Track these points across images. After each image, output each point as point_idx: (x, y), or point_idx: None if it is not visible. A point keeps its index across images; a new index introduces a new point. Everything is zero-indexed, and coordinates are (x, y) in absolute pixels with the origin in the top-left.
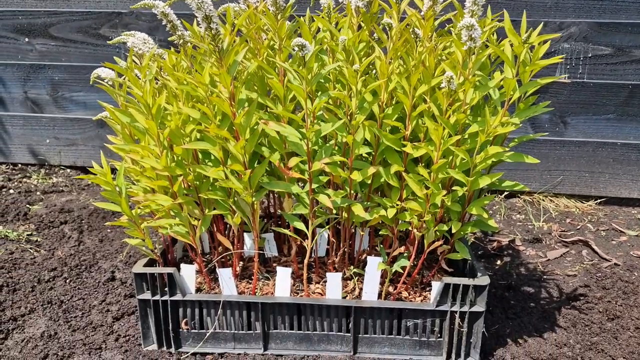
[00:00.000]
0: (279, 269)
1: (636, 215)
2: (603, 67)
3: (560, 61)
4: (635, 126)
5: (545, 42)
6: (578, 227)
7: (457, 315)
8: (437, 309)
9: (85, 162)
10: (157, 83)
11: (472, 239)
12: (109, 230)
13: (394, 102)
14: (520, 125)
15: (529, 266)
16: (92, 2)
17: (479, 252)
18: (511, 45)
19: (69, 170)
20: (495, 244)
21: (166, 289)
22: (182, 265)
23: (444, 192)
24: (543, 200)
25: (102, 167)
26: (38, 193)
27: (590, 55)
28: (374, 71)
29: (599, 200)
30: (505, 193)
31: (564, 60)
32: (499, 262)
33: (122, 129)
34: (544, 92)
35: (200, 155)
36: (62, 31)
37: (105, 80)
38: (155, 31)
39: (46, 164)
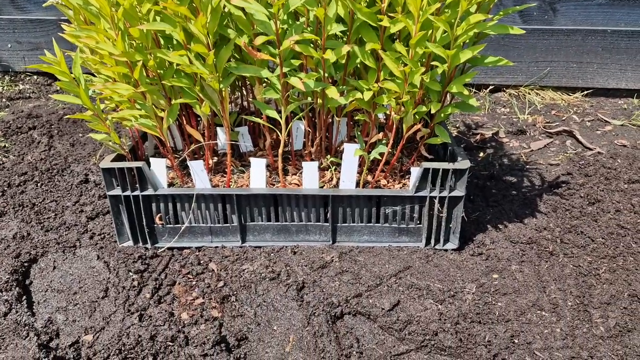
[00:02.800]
0: (253, 160)
1: (622, 106)
2: None
3: None
4: (627, 11)
5: None
6: (563, 119)
7: (436, 201)
8: (416, 195)
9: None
10: None
11: (455, 133)
12: (80, 135)
13: None
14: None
15: (512, 157)
16: None
17: (462, 145)
18: None
19: (35, 76)
20: (478, 136)
21: (137, 184)
22: (152, 159)
23: (423, 69)
24: (529, 93)
25: (56, 56)
26: (4, 100)
27: None
28: None
29: (585, 92)
30: (491, 87)
31: None
32: (481, 154)
33: (76, 14)
34: None
35: (161, 41)
36: None
37: None
38: None
39: (10, 70)
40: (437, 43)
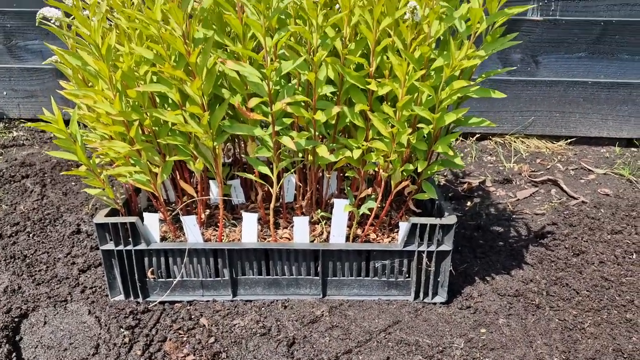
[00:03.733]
0: (245, 214)
1: (605, 154)
2: (575, 4)
3: None
4: (606, 64)
5: None
6: (548, 167)
7: (424, 255)
8: (404, 249)
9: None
10: (110, 24)
11: (443, 181)
12: (73, 183)
13: (357, 38)
14: (487, 57)
15: (498, 206)
16: None
17: (450, 194)
18: None
19: (29, 123)
20: (465, 185)
21: (130, 238)
22: (145, 214)
23: (410, 130)
24: (514, 141)
25: (54, 114)
26: None
27: None
28: (337, 6)
29: (569, 140)
30: (477, 135)
31: None
32: (469, 203)
33: (74, 73)
34: (516, 30)
35: (157, 99)
36: None
37: (52, 21)
38: None
39: (5, 117)
40: (422, 106)
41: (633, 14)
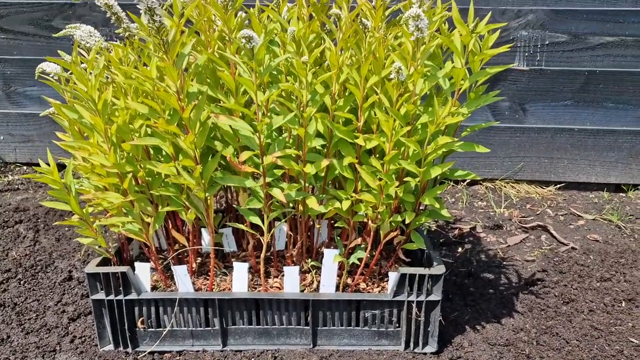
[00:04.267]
0: (236, 264)
1: (593, 200)
2: (560, 54)
3: (507, 50)
4: (591, 112)
5: (494, 30)
6: (538, 213)
7: (414, 305)
8: (394, 299)
9: (42, 158)
10: (107, 78)
11: (435, 227)
12: (66, 229)
13: (346, 94)
14: (469, 115)
15: (489, 253)
16: None
17: (441, 240)
18: (460, 35)
19: (25, 167)
20: (457, 231)
21: (121, 288)
22: (137, 264)
23: (397, 183)
24: (504, 186)
25: (49, 165)
26: None
27: (547, 43)
28: (326, 63)
29: (558, 186)
30: (468, 180)
31: (523, 48)
32: (460, 249)
33: (71, 125)
34: (503, 79)
35: (151, 151)
36: (12, 24)
37: (51, 75)
38: (109, 23)
39: (1, 161)
40: (409, 160)
41: (615, 64)
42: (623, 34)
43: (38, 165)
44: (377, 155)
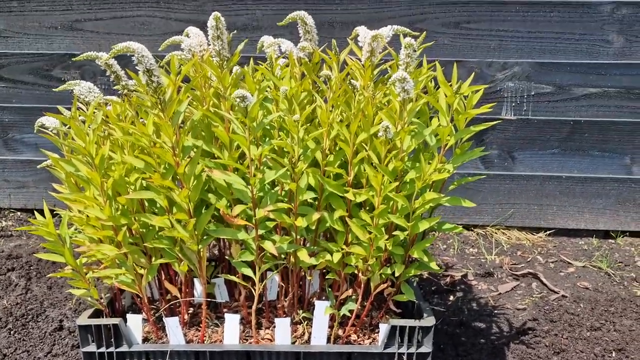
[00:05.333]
0: (227, 315)
1: (583, 246)
2: (546, 105)
3: (489, 109)
4: (578, 160)
5: (477, 90)
6: (528, 260)
7: (404, 357)
8: (385, 351)
9: (36, 204)
10: (104, 132)
11: (426, 274)
12: (58, 277)
13: (336, 149)
14: (455, 171)
15: (480, 301)
16: (44, 43)
17: (433, 288)
18: (445, 95)
19: (19, 213)
20: (448, 279)
21: (112, 339)
22: (129, 316)
23: (386, 236)
24: (495, 232)
25: (45, 217)
26: None
27: (533, 93)
28: (317, 119)
29: (548, 232)
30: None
31: (510, 98)
32: (451, 297)
33: (67, 177)
34: (492, 128)
35: (146, 203)
36: (12, 73)
37: (50, 129)
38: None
39: None
40: (398, 214)
41: (599, 114)
42: (606, 85)
43: (32, 210)
44: (367, 209)
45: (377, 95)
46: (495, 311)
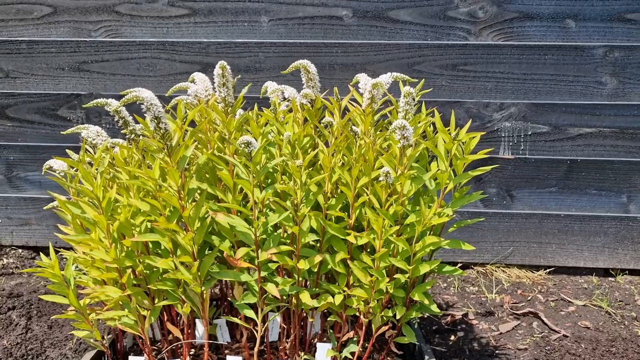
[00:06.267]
0: (229, 358)
1: (583, 285)
2: (542, 144)
3: (487, 156)
4: (576, 198)
5: (474, 137)
6: (529, 298)
7: None
8: None
9: (38, 241)
10: (110, 174)
11: (428, 314)
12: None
13: (338, 192)
14: (454, 215)
15: (481, 341)
16: (51, 84)
17: (434, 327)
18: (444, 142)
19: (20, 250)
20: (449, 318)
21: None
22: (131, 358)
23: (387, 279)
24: (495, 271)
25: (50, 259)
26: None
27: (530, 133)
28: (319, 162)
29: (548, 270)
30: (460, 264)
31: (507, 137)
32: (452, 337)
33: (73, 219)
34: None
35: (150, 245)
36: (19, 112)
37: (58, 172)
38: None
39: None
40: (398, 257)
41: (596, 154)
42: (600, 125)
43: (34, 248)
44: (368, 251)
45: (377, 140)
46: (497, 351)
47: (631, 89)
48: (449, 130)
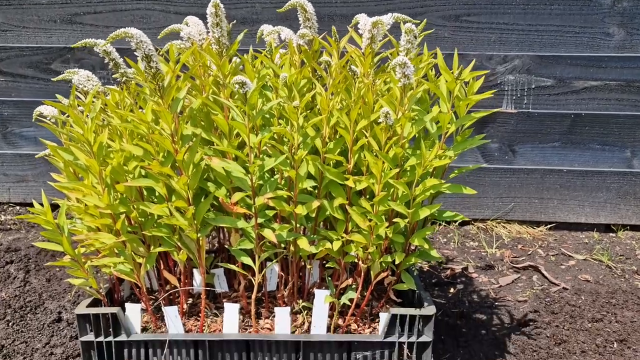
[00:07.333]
0: (227, 305)
1: (584, 240)
2: (546, 98)
3: (492, 95)
4: (579, 153)
5: (478, 77)
6: (529, 253)
7: (405, 346)
8: (385, 340)
9: (36, 198)
10: (103, 121)
11: (427, 267)
12: (57, 269)
13: (336, 137)
14: (456, 157)
15: (481, 293)
16: (43, 37)
17: (433, 280)
18: (446, 81)
19: (18, 207)
20: (448, 272)
21: (110, 329)
22: (127, 305)
23: (387, 224)
24: (496, 227)
25: (43, 206)
26: None
27: (533, 87)
28: (317, 107)
29: (549, 226)
30: (459, 221)
31: (510, 91)
32: (452, 289)
33: (66, 166)
34: (492, 121)
35: (144, 192)
36: (11, 66)
37: (48, 118)
38: (107, 66)
39: None
40: (398, 201)
41: (600, 108)
42: (606, 78)
43: (31, 205)
44: (367, 197)
45: (377, 82)
46: (496, 303)
47: (639, 40)
48: (452, 71)
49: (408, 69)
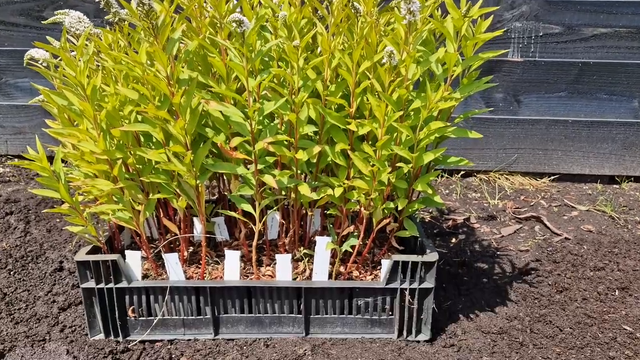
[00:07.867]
0: (228, 252)
1: (587, 191)
2: (554, 46)
3: (501, 33)
4: (585, 103)
5: (488, 15)
6: (532, 204)
7: (407, 293)
8: (387, 286)
9: (33, 150)
10: (97, 65)
11: (429, 218)
12: (57, 220)
13: (338, 80)
14: (462, 99)
15: (483, 243)
16: None
17: (435, 231)
18: (453, 19)
19: (16, 159)
20: (450, 222)
21: (111, 276)
22: (127, 252)
23: (389, 169)
24: (499, 178)
25: (38, 153)
26: None
27: (541, 34)
28: (318, 49)
29: (552, 177)
30: (462, 172)
31: (517, 39)
32: (454, 239)
33: (60, 112)
34: (498, 70)
35: (141, 138)
36: (3, 14)
37: (40, 62)
38: (100, 13)
39: None
40: (402, 145)
41: (609, 56)
42: (617, 25)
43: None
44: (370, 142)
45: (381, 21)
46: (498, 253)
47: None
48: (459, 8)
49: (414, 4)
